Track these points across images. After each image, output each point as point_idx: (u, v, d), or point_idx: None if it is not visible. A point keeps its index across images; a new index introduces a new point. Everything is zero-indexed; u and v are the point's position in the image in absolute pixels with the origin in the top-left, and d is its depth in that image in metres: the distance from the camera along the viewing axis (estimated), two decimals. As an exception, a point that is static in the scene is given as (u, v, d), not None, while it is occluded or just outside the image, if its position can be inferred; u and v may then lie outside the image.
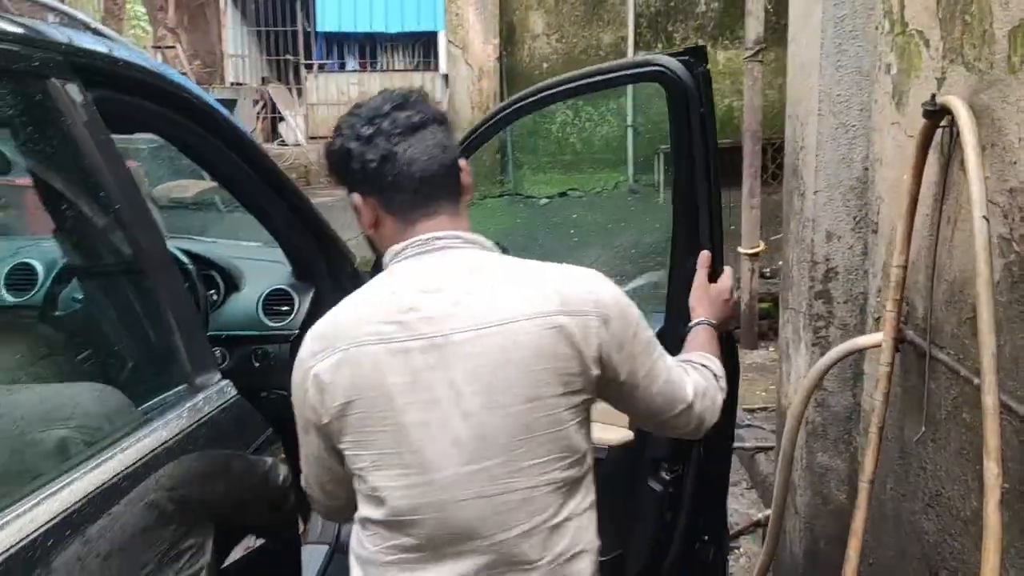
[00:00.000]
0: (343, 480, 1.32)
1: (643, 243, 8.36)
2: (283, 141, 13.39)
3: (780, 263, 6.34)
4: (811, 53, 2.56)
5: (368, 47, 14.02)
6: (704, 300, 1.75)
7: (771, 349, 5.33)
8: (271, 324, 2.47)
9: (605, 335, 1.25)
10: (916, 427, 2.19)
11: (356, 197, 1.33)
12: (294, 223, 2.32)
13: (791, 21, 2.75)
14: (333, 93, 13.27)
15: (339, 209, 8.28)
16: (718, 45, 9.73)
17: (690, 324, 1.68)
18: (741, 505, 3.81)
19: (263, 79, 14.07)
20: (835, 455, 2.73)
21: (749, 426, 4.26)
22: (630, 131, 9.86)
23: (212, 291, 2.44)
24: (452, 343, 1.21)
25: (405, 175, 1.27)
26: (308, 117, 13.24)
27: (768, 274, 5.99)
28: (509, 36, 9.66)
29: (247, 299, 2.51)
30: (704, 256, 1.82)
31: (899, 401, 2.30)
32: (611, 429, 2.13)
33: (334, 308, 1.32)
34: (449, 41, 9.68)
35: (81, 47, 1.40)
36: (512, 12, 9.71)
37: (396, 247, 1.31)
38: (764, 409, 4.41)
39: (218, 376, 1.50)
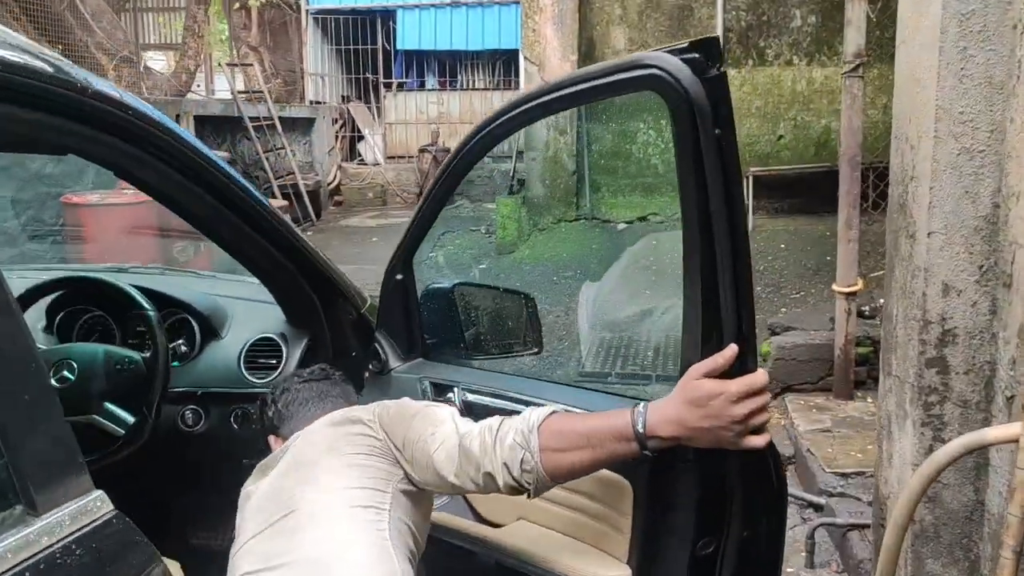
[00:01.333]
0: None
1: (727, 273, 7.77)
2: (362, 160, 13.28)
3: (881, 301, 5.71)
4: (926, 59, 2.03)
5: (448, 65, 13.82)
6: (681, 396, 1.29)
7: (869, 400, 4.70)
8: (253, 380, 2.08)
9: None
10: (1066, 551, 1.65)
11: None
12: (278, 261, 1.92)
13: (900, 21, 2.22)
14: (412, 112, 13.09)
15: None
16: (815, 62, 9.06)
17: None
18: (829, 593, 3.24)
19: (343, 97, 14.02)
20: (950, 563, 2.17)
21: (842, 495, 3.67)
22: (717, 152, 9.27)
23: (180, 340, 2.06)
24: None
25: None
26: (386, 136, 13.08)
27: (868, 313, 5.34)
28: (588, 52, 9.21)
29: (228, 348, 2.13)
30: (729, 352, 1.28)
31: (1041, 511, 1.75)
32: (607, 563, 1.59)
33: None
34: (525, 58, 9.29)
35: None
36: (593, 27, 9.26)
37: None
38: (860, 474, 3.80)
39: (86, 487, 1.09)
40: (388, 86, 13.25)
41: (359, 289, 2.25)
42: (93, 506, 1.09)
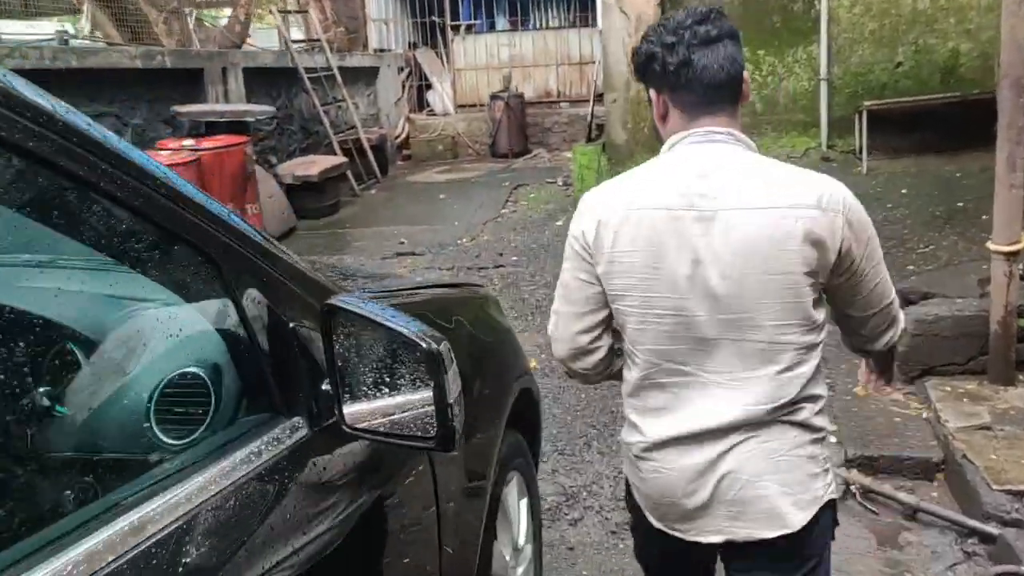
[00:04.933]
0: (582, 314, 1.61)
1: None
2: (432, 110, 12.54)
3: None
4: None
5: (519, 3, 12.86)
6: None
7: (1037, 387, 3.75)
8: (167, 440, 1.37)
9: (848, 232, 1.47)
10: None
11: (652, 92, 1.56)
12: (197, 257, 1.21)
13: None
14: (482, 56, 12.25)
15: (481, 185, 7.08)
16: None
17: None
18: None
19: (411, 44, 13.25)
20: None
21: (1020, 525, 2.80)
22: (823, 85, 8.15)
23: (46, 387, 1.35)
24: (719, 218, 1.44)
25: (696, 80, 1.49)
26: (455, 83, 12.27)
27: (1030, 276, 4.33)
28: (674, -20, 8.20)
29: (133, 391, 1.41)
30: None
31: None
32: None
33: (620, 178, 1.59)
34: (602, -12, 8.34)
35: None
36: (678, -49, 8.23)
37: (677, 136, 1.53)
38: (1037, 493, 2.91)
39: None
40: (456, 29, 12.40)
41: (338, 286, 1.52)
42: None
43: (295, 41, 9.78)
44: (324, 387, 1.36)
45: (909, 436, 3.58)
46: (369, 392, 1.32)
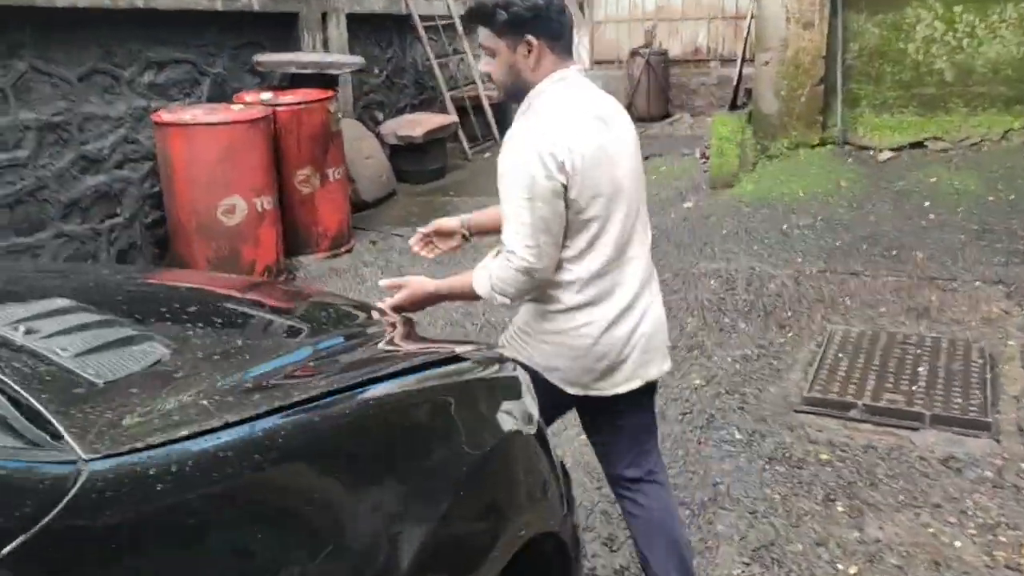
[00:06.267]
0: (559, 238, 1.98)
1: (1045, 229, 5.35)
2: (567, 66, 11.48)
3: None
4: None
5: (672, -52, 11.51)
6: None
7: None
8: None
9: None
10: None
11: (531, 38, 1.95)
12: None
13: None
14: (624, 7, 11.05)
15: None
16: None
17: None
18: None
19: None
20: None
21: None
22: (1037, 51, 6.56)
23: None
24: (618, 132, 2.03)
25: (567, 28, 2.01)
26: (593, 37, 11.15)
27: None
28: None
29: None
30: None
31: None
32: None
33: (554, 116, 1.95)
34: (762, -74, 7.00)
35: None
36: None
37: (561, 72, 1.99)
38: None
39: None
40: (598, -23, 11.27)
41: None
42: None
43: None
44: None
45: None
46: None
